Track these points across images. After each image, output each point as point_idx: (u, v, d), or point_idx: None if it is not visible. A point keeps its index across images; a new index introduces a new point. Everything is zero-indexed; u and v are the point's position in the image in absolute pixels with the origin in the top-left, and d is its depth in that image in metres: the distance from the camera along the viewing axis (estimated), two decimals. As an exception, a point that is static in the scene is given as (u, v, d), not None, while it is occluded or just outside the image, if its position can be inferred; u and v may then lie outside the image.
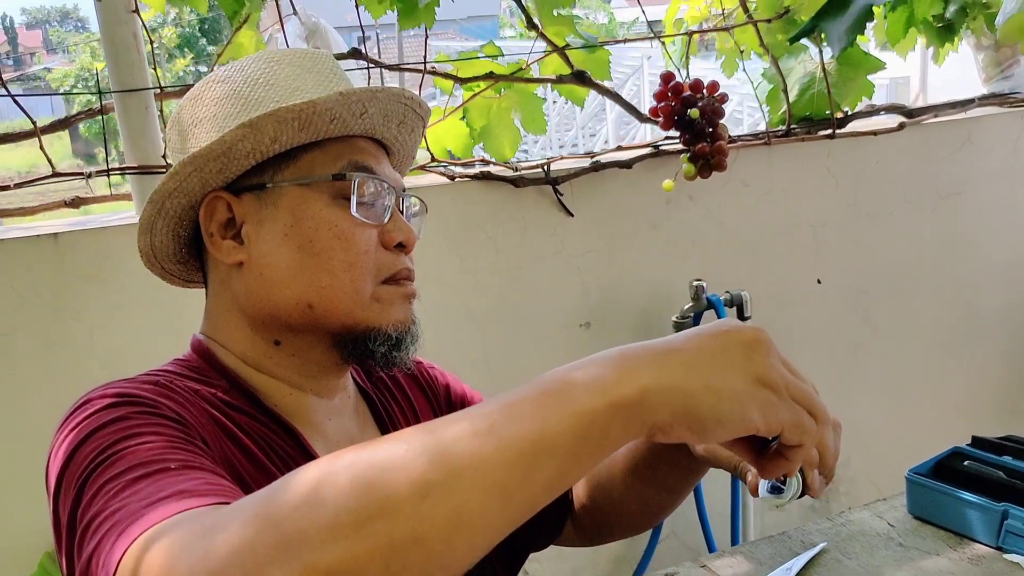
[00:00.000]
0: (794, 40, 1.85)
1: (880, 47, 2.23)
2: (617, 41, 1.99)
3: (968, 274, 2.26)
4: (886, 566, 1.01)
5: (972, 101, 2.17)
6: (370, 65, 1.72)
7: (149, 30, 1.56)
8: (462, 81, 1.80)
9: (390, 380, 1.01)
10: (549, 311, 1.87)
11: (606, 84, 1.88)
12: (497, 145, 1.86)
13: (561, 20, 1.80)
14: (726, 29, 1.95)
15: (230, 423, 0.79)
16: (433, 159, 1.81)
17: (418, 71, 1.77)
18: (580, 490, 1.06)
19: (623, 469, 0.98)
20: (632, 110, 1.96)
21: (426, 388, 1.04)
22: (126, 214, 1.65)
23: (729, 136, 1.82)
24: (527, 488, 0.53)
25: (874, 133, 2.05)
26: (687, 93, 1.77)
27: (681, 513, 1.78)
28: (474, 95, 1.82)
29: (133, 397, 0.73)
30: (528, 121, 1.86)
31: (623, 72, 7.74)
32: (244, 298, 0.85)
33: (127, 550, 0.55)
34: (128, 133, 1.58)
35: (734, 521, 2.01)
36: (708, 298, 1.89)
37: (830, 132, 2.01)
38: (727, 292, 1.91)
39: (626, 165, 1.88)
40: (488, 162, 1.84)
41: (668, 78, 1.79)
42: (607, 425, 0.55)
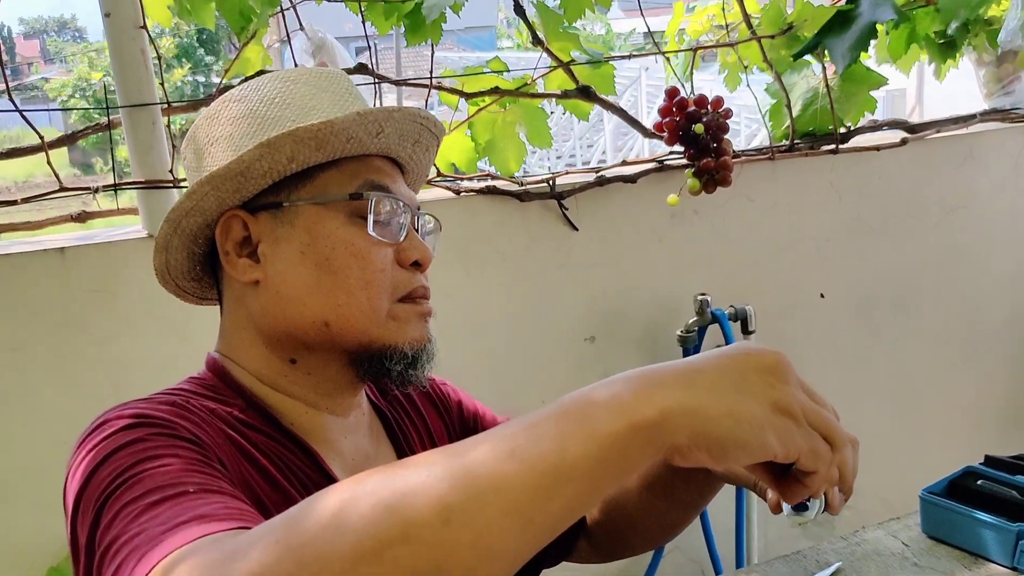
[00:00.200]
0: (798, 56, 1.87)
1: (880, 63, 2.24)
2: (622, 56, 2.00)
3: (972, 287, 2.26)
4: (900, 586, 1.01)
5: (974, 116, 2.18)
6: (376, 80, 1.73)
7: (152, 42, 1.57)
8: (468, 96, 1.81)
9: (403, 397, 1.01)
10: (554, 325, 1.88)
11: (610, 99, 1.89)
12: (502, 159, 1.86)
13: (566, 36, 1.80)
14: (731, 45, 1.96)
15: (247, 443, 0.79)
16: (439, 173, 1.81)
17: (424, 86, 1.77)
18: (594, 506, 1.05)
19: (638, 485, 0.98)
20: (636, 125, 1.97)
21: (439, 405, 1.04)
22: (131, 228, 1.65)
23: (733, 151, 1.83)
24: (548, 511, 0.53)
25: (877, 148, 2.05)
26: (692, 108, 1.77)
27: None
28: (479, 110, 1.82)
29: (150, 418, 0.73)
30: (533, 135, 1.87)
31: (621, 83, 7.79)
32: (260, 316, 0.85)
33: None
34: (135, 148, 1.58)
35: (739, 537, 2.01)
36: (713, 312, 1.89)
37: (833, 147, 2.02)
38: (732, 306, 1.92)
39: (631, 180, 1.89)
40: (494, 176, 1.84)
41: (673, 93, 1.80)
42: (627, 447, 0.55)
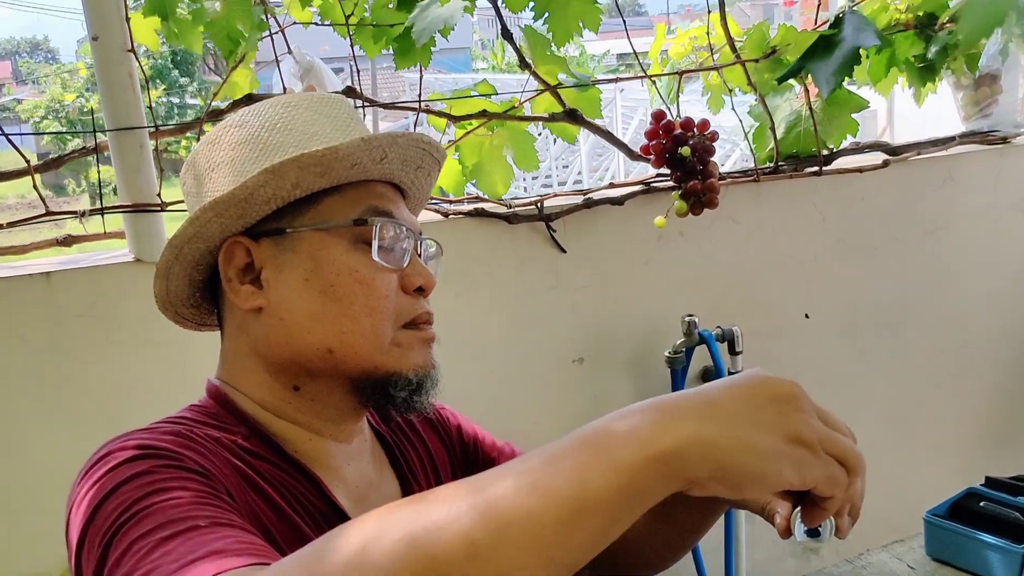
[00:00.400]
0: (783, 80, 1.89)
1: (860, 86, 2.27)
2: (610, 80, 2.01)
3: (954, 308, 2.29)
4: (907, 607, 1.01)
5: (953, 139, 2.22)
6: (364, 104, 1.73)
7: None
8: (456, 119, 1.81)
9: (404, 422, 1.01)
10: (543, 346, 1.88)
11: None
12: (490, 182, 1.87)
13: (553, 59, 1.81)
14: (715, 68, 1.98)
15: (252, 471, 0.78)
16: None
17: (413, 109, 1.78)
18: (614, 539, 1.05)
19: (639, 510, 0.98)
20: (623, 147, 1.98)
21: (439, 429, 1.04)
22: (117, 252, 1.64)
23: (719, 173, 1.85)
24: (571, 544, 0.53)
25: (860, 170, 2.08)
26: (678, 131, 1.79)
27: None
28: (467, 132, 1.83)
29: (156, 449, 0.72)
30: (520, 158, 1.87)
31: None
32: (263, 343, 0.84)
33: None
34: (122, 171, 1.57)
35: (728, 555, 2.01)
36: (700, 333, 1.90)
37: (817, 169, 2.04)
38: (719, 327, 1.93)
39: (618, 202, 1.90)
40: (481, 199, 1.84)
41: (659, 116, 1.81)
42: (647, 479, 0.55)
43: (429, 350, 0.87)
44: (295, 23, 1.73)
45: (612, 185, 1.96)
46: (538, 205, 1.84)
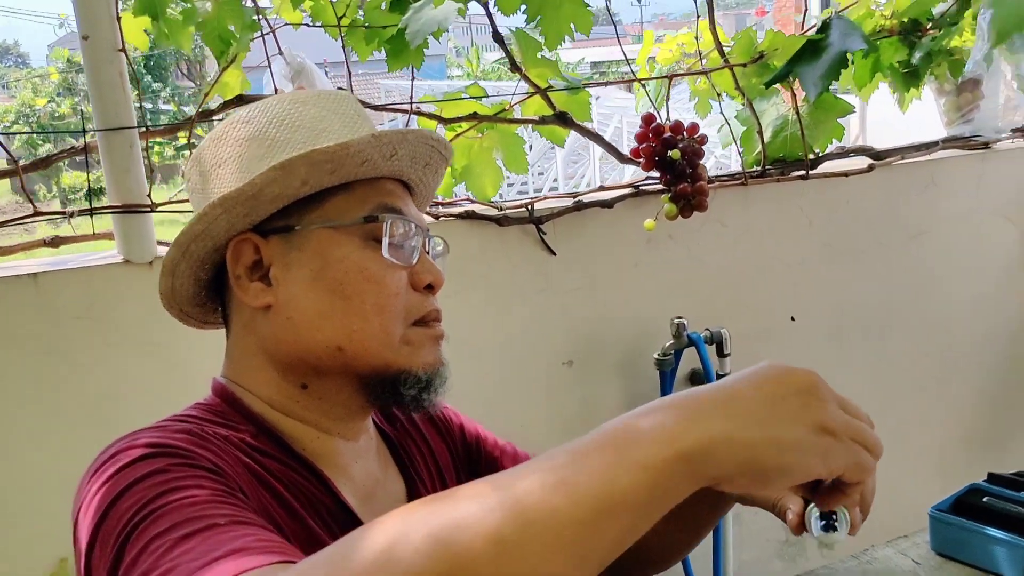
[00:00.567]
0: (770, 84, 1.90)
1: (842, 90, 2.29)
2: (600, 83, 2.02)
3: (938, 312, 2.31)
4: (916, 603, 1.01)
5: (936, 144, 2.24)
6: (356, 105, 1.72)
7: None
8: (446, 122, 1.81)
9: (407, 421, 1.00)
10: (534, 348, 1.87)
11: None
12: (479, 185, 1.86)
13: (544, 62, 1.82)
14: (703, 73, 1.99)
15: (262, 469, 0.78)
16: (418, 198, 1.80)
17: (404, 111, 1.77)
18: (640, 536, 1.05)
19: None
20: (613, 151, 1.99)
21: (441, 427, 1.03)
22: (106, 253, 1.62)
23: (708, 177, 1.86)
24: (599, 542, 0.53)
25: (845, 174, 2.10)
26: (668, 135, 1.79)
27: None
28: (457, 135, 1.82)
29: (168, 447, 0.71)
30: (510, 160, 1.87)
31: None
32: (271, 341, 0.84)
33: None
34: (112, 171, 1.55)
35: (715, 556, 2.01)
36: (689, 335, 1.90)
37: (803, 173, 2.06)
38: (707, 329, 1.94)
39: (608, 205, 1.90)
40: (471, 201, 1.84)
41: (649, 119, 1.81)
42: (673, 476, 0.55)
43: (438, 347, 0.87)
44: (286, 24, 1.72)
45: (602, 187, 1.96)
46: (528, 208, 1.84)
